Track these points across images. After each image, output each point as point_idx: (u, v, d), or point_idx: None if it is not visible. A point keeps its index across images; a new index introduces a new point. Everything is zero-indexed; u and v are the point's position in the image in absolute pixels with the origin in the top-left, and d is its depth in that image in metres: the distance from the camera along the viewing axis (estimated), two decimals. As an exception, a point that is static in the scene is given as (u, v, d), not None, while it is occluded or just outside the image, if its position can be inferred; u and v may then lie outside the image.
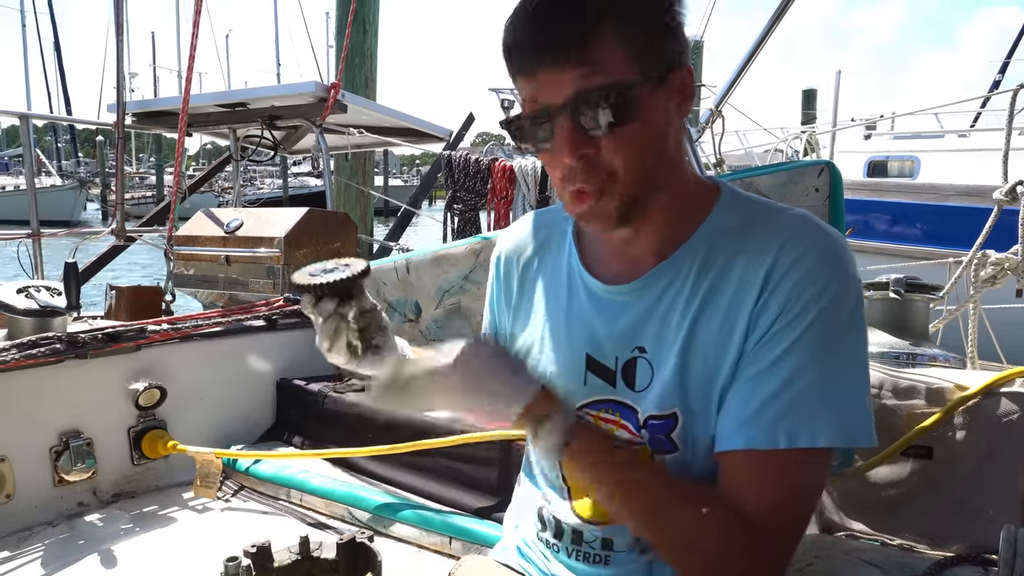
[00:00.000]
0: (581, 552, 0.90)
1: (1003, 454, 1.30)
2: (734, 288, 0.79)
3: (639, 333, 0.85)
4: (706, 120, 3.16)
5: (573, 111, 0.74)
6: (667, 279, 0.84)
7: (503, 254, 1.04)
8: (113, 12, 3.76)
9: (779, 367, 0.75)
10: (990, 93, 5.61)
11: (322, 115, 3.61)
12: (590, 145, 0.75)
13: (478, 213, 4.34)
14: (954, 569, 1.15)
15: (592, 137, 0.75)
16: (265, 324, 2.25)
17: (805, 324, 0.75)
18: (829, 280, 0.75)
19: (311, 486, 1.80)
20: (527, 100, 0.78)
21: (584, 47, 0.73)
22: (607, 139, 0.75)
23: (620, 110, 0.74)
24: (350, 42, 5.37)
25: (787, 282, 0.76)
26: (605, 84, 0.73)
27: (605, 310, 0.88)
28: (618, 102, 0.73)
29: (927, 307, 2.26)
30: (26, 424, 1.71)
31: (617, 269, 0.89)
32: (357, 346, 0.93)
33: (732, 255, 0.80)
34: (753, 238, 0.80)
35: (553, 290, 0.95)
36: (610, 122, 0.74)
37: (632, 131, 0.75)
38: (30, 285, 2.01)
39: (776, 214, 0.82)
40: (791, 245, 0.77)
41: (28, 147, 3.84)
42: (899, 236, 6.26)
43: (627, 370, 0.85)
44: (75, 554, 1.57)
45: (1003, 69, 14.07)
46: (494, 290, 1.06)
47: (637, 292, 0.86)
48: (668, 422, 0.82)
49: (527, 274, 1.00)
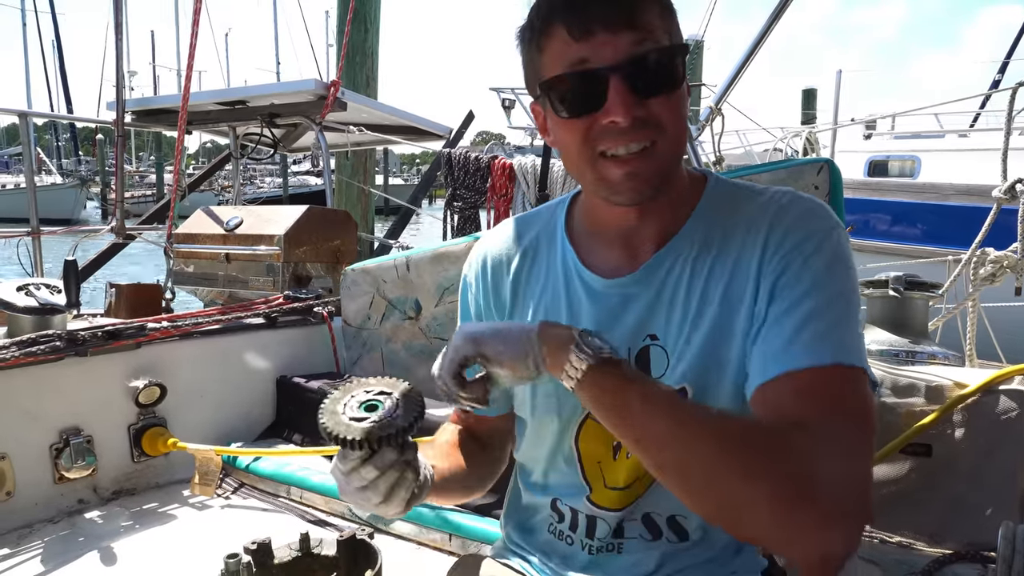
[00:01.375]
0: (594, 544, 0.90)
1: (1002, 451, 1.30)
2: (734, 260, 0.81)
3: (648, 321, 0.85)
4: (706, 118, 3.16)
5: (629, 72, 0.76)
6: (668, 264, 0.85)
7: (488, 264, 0.99)
8: (113, 11, 3.76)
9: (798, 308, 0.76)
10: (990, 92, 5.60)
11: (322, 113, 3.60)
12: (641, 107, 0.77)
13: (478, 211, 4.34)
14: (953, 566, 1.15)
15: (642, 100, 0.77)
16: (265, 322, 2.25)
17: (815, 269, 0.77)
18: (825, 231, 0.79)
19: (311, 483, 1.81)
20: (574, 61, 0.78)
21: (637, 13, 0.76)
22: (656, 101, 0.78)
23: (669, 73, 0.78)
24: (350, 40, 5.37)
25: (787, 241, 0.78)
26: (658, 48, 0.77)
27: (609, 304, 0.88)
28: (668, 65, 0.78)
29: (926, 305, 2.26)
30: (26, 422, 1.71)
31: (615, 262, 0.89)
32: (416, 491, 0.79)
33: (727, 232, 0.83)
34: (745, 213, 0.83)
35: (551, 292, 0.93)
36: (660, 82, 0.78)
37: (676, 97, 0.79)
38: (30, 283, 2.01)
39: (759, 194, 0.86)
40: (782, 214, 0.81)
41: (28, 145, 3.84)
42: (899, 235, 6.26)
43: (641, 360, 0.85)
44: (75, 551, 1.57)
45: (1003, 68, 14.06)
46: (480, 302, 1.00)
47: (640, 282, 0.86)
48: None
49: (519, 280, 0.97)
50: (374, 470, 0.75)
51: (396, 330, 2.25)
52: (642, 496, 0.88)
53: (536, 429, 0.95)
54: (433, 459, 0.91)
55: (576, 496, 0.92)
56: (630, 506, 0.88)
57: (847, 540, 0.64)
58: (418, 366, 2.20)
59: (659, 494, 0.87)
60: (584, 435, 0.90)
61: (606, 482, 0.89)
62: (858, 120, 7.62)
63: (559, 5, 0.78)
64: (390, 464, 0.75)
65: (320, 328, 2.36)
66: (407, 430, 0.74)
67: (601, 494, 0.90)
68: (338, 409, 0.77)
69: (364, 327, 2.32)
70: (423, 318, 2.19)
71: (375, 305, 2.29)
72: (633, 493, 0.88)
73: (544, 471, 0.96)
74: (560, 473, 0.93)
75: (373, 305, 2.29)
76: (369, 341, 2.31)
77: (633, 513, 0.88)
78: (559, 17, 0.78)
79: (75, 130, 37.44)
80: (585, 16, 0.76)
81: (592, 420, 0.89)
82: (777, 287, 0.77)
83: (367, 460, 0.75)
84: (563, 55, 0.78)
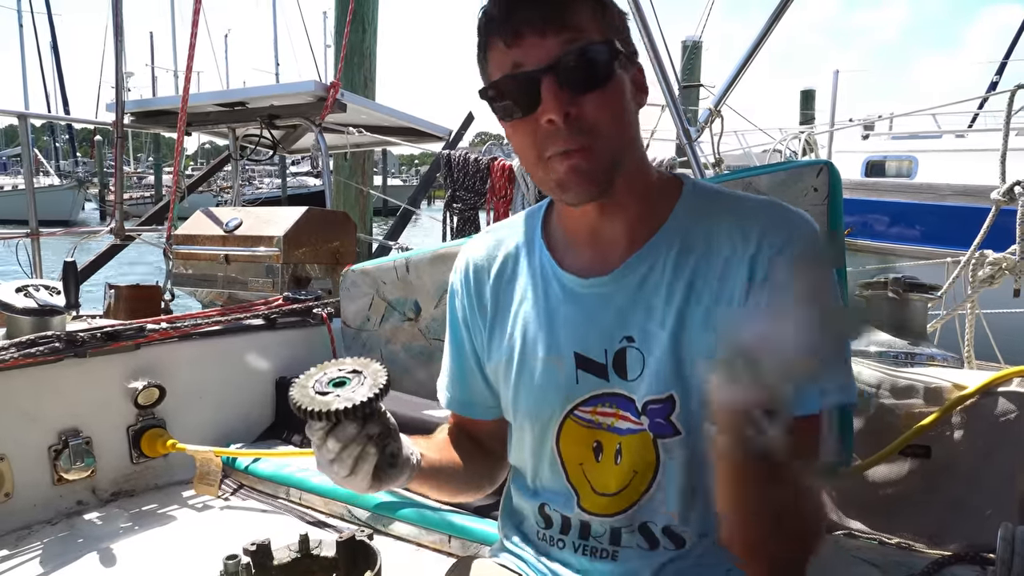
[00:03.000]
0: (588, 547, 0.90)
1: (1001, 453, 1.30)
2: (720, 272, 0.82)
3: (625, 322, 0.86)
4: (705, 120, 3.16)
5: (559, 72, 0.78)
6: (646, 266, 0.86)
7: (471, 271, 1.01)
8: (111, 12, 3.76)
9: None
10: (988, 94, 5.62)
11: (321, 114, 3.60)
12: (574, 104, 0.79)
13: (477, 212, 4.33)
14: (952, 568, 1.15)
15: (575, 97, 0.79)
16: (264, 323, 2.25)
17: (803, 302, 0.76)
18: (814, 260, 0.79)
19: (310, 484, 1.81)
20: (510, 67, 0.81)
21: (567, 15, 0.79)
22: (590, 98, 0.80)
23: (600, 70, 0.80)
24: (349, 41, 5.37)
25: (777, 269, 0.79)
26: (586, 45, 0.79)
27: (586, 304, 0.88)
28: (599, 62, 0.80)
29: (925, 307, 2.26)
30: (25, 423, 1.71)
31: (590, 262, 0.90)
32: (384, 467, 0.81)
33: (711, 240, 0.84)
34: (730, 223, 0.84)
35: (530, 294, 0.94)
36: (592, 79, 0.80)
37: (610, 93, 0.81)
38: (29, 284, 2.00)
39: (746, 199, 0.87)
40: (772, 231, 0.81)
41: (26, 147, 3.84)
42: (897, 236, 6.27)
43: (618, 361, 0.86)
44: (74, 553, 1.57)
45: (1000, 70, 14.07)
46: (465, 309, 1.01)
47: (616, 282, 0.87)
48: (666, 406, 0.83)
49: (499, 285, 0.97)
50: (336, 442, 0.78)
51: (395, 331, 2.25)
52: (638, 503, 0.87)
53: (518, 432, 0.96)
54: (425, 450, 0.92)
55: (566, 503, 0.92)
56: (625, 513, 0.88)
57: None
58: (417, 367, 2.20)
59: (656, 503, 0.86)
60: (564, 437, 0.91)
61: (594, 487, 0.89)
62: (856, 121, 7.63)
63: (493, 17, 0.82)
64: (351, 437, 0.78)
65: (319, 329, 2.36)
66: (366, 404, 0.77)
67: (591, 500, 0.90)
68: (308, 384, 0.81)
69: (364, 328, 2.32)
70: (422, 319, 2.19)
71: (374, 306, 2.29)
72: (626, 499, 0.87)
73: (532, 475, 0.97)
74: (546, 477, 0.94)
75: (372, 306, 2.29)
76: (369, 342, 2.31)
77: (630, 522, 0.88)
78: (494, 29, 0.82)
79: (73, 131, 37.41)
80: (515, 22, 0.80)
81: (571, 421, 0.90)
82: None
83: (329, 432, 0.78)
84: (501, 63, 0.82)
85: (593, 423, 0.89)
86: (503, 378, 0.96)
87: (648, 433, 0.84)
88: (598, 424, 0.88)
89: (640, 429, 0.85)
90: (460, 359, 1.03)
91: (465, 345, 1.02)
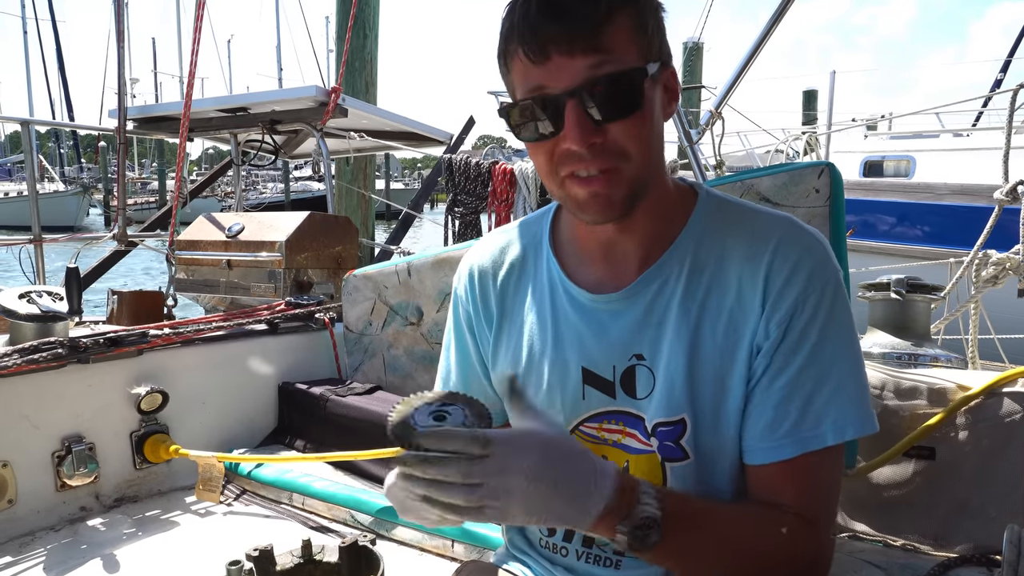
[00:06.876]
0: (592, 554, 0.89)
1: (1006, 454, 1.29)
2: (735, 293, 0.80)
3: (635, 340, 0.84)
4: (706, 122, 3.16)
5: (582, 98, 0.73)
6: (658, 283, 0.83)
7: (476, 276, 0.98)
8: (114, 18, 3.78)
9: (798, 374, 0.77)
10: (990, 93, 5.59)
11: (323, 119, 3.61)
12: (598, 134, 0.75)
13: (479, 216, 4.34)
14: (957, 570, 1.14)
15: (599, 125, 0.74)
16: (267, 328, 2.26)
17: (817, 329, 0.77)
18: (827, 282, 0.78)
19: (313, 490, 1.80)
20: (533, 88, 0.76)
21: (599, 34, 0.72)
22: (615, 127, 0.75)
23: (630, 98, 0.74)
24: (350, 46, 5.38)
25: (790, 290, 0.77)
26: (616, 72, 0.73)
27: (596, 320, 0.86)
28: (630, 90, 0.74)
29: (928, 307, 2.25)
30: (28, 429, 1.71)
31: (601, 276, 0.87)
32: None
33: (723, 258, 0.81)
34: (742, 240, 0.81)
35: (537, 306, 0.92)
36: (620, 108, 0.74)
37: (637, 121, 0.75)
38: (32, 290, 2.01)
39: (758, 215, 0.84)
40: (784, 250, 0.79)
41: (30, 153, 3.85)
42: (896, 236, 6.25)
43: (626, 379, 0.84)
44: (77, 559, 1.57)
45: (1005, 68, 14.02)
46: (470, 316, 0.99)
47: (627, 299, 0.84)
48: (676, 428, 0.81)
49: (506, 292, 0.95)
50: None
51: (398, 336, 2.25)
52: None
53: None
54: None
55: None
56: None
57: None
58: (419, 372, 2.20)
59: None
60: None
61: None
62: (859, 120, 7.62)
63: (518, 26, 0.75)
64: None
65: (322, 334, 2.36)
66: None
67: None
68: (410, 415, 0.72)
69: (366, 333, 2.32)
70: (424, 324, 2.19)
71: (376, 311, 2.29)
72: None
73: None
74: None
75: (374, 311, 2.29)
76: (371, 347, 2.31)
77: None
78: (518, 39, 0.75)
79: (77, 137, 37.61)
80: (542, 39, 0.73)
81: (576, 436, 0.89)
82: (780, 343, 0.78)
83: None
84: (523, 79, 0.77)
85: (598, 439, 0.88)
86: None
87: (656, 455, 0.83)
88: (604, 440, 0.87)
89: (650, 451, 0.84)
90: (465, 365, 1.01)
91: (471, 352, 1.00)
